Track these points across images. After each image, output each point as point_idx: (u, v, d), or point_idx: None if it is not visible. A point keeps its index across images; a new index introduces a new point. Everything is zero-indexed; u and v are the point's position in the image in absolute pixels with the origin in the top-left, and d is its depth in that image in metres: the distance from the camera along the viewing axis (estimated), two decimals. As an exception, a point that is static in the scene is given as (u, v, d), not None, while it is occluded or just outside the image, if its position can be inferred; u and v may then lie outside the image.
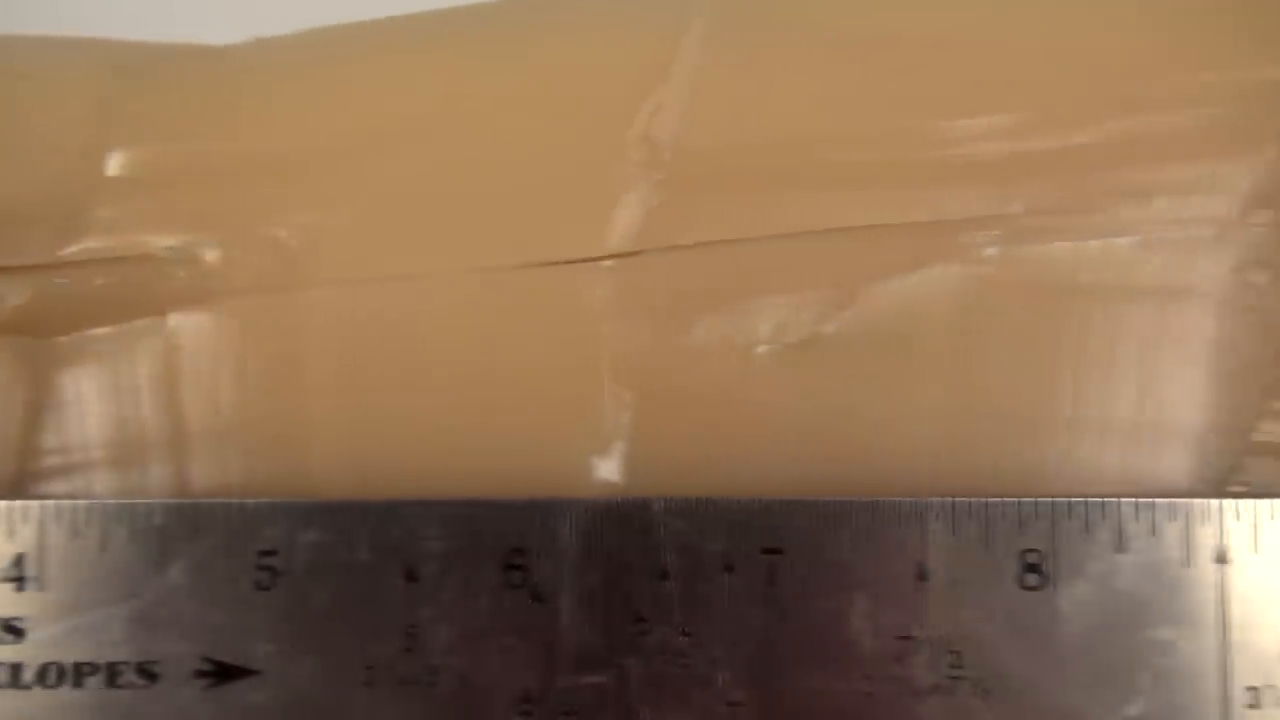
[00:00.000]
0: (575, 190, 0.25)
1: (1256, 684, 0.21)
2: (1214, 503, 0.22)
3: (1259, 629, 0.22)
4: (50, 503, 0.23)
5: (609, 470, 0.24)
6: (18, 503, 0.23)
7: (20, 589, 0.23)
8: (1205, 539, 0.22)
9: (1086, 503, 0.22)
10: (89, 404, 0.25)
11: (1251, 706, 0.21)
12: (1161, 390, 0.23)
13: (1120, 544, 0.22)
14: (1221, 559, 0.22)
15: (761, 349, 0.24)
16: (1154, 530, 0.22)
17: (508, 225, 0.25)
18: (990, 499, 0.22)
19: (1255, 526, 0.22)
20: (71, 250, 0.25)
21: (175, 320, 0.25)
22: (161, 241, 0.25)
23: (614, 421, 0.24)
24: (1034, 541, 0.22)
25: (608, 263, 0.24)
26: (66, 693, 0.23)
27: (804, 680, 0.22)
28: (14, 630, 0.23)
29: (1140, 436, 0.23)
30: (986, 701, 0.22)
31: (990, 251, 0.23)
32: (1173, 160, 0.23)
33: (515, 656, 0.22)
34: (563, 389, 0.24)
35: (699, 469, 0.24)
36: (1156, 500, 0.22)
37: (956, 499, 0.22)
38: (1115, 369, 0.23)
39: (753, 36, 0.25)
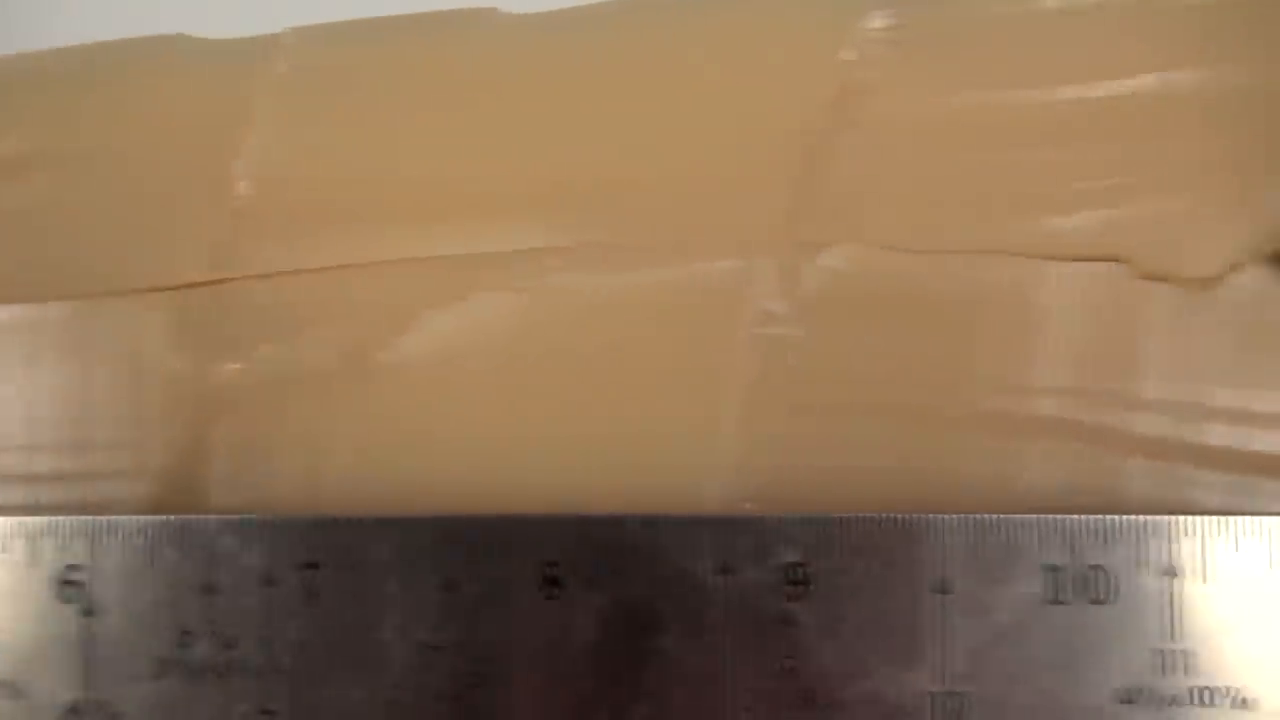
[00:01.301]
0: (154, 222, 0.26)
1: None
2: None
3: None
4: None
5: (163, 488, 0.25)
6: None
7: None
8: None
9: (599, 518, 0.23)
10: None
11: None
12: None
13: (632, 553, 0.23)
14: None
15: (325, 373, 0.25)
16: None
17: (98, 256, 0.26)
18: (508, 515, 0.23)
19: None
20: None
21: None
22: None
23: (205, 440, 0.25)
24: (550, 554, 0.24)
25: (175, 291, 0.25)
26: None
27: (338, 688, 0.24)
28: None
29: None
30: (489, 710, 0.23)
31: (540, 280, 0.25)
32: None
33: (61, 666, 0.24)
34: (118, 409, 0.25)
35: (259, 485, 0.25)
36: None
37: (480, 515, 0.23)
38: (660, 388, 0.25)
39: (328, 81, 0.26)
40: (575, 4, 0.26)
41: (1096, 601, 0.23)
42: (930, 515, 0.23)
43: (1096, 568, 0.23)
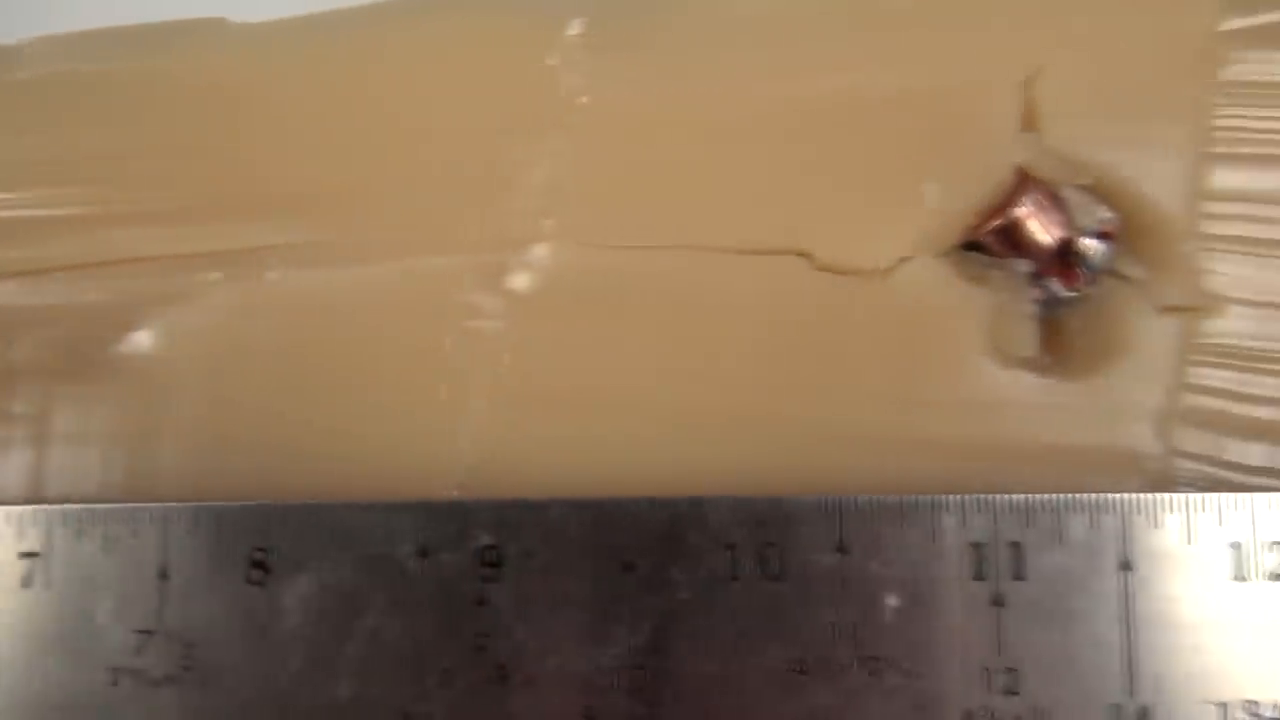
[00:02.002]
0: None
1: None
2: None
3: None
4: None
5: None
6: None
7: None
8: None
9: (311, 506, 0.24)
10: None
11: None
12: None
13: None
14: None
15: (49, 371, 0.26)
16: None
17: None
18: (223, 504, 0.24)
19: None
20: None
21: None
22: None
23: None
24: (258, 540, 0.25)
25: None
26: None
27: (53, 674, 0.25)
28: None
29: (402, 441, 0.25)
30: (209, 690, 0.24)
31: (260, 277, 0.26)
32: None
33: None
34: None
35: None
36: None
37: (189, 504, 0.24)
38: (378, 384, 0.26)
39: (61, 89, 0.27)
40: (300, 13, 0.27)
41: (773, 578, 0.24)
42: (619, 498, 0.24)
43: (773, 545, 0.24)
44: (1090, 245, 0.24)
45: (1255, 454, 0.24)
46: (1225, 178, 0.24)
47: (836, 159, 0.25)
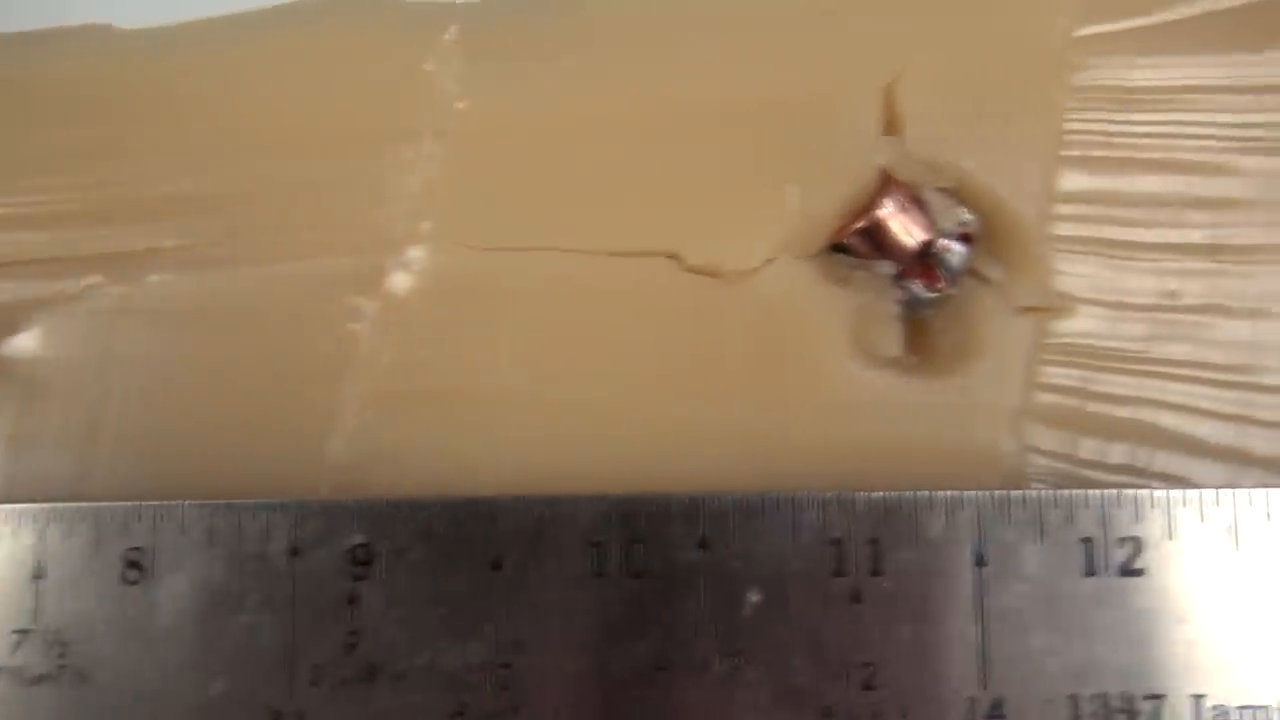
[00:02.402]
0: None
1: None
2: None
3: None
4: None
5: None
6: None
7: None
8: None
9: (186, 505, 0.24)
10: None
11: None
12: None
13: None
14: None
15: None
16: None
17: None
18: (99, 504, 0.24)
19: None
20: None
21: None
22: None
23: None
24: (136, 540, 0.25)
25: None
26: None
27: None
28: None
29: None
30: (84, 689, 0.24)
31: (143, 280, 0.26)
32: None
33: None
34: None
35: None
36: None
37: (61, 505, 0.24)
38: (255, 385, 0.26)
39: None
40: (186, 19, 0.27)
41: (636, 575, 0.24)
42: (488, 497, 0.25)
43: (637, 542, 0.24)
44: (950, 247, 0.25)
45: (1107, 451, 0.24)
46: (1077, 180, 0.25)
47: (704, 162, 0.25)
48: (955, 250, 0.25)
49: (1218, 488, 0.23)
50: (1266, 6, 0.25)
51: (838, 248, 0.25)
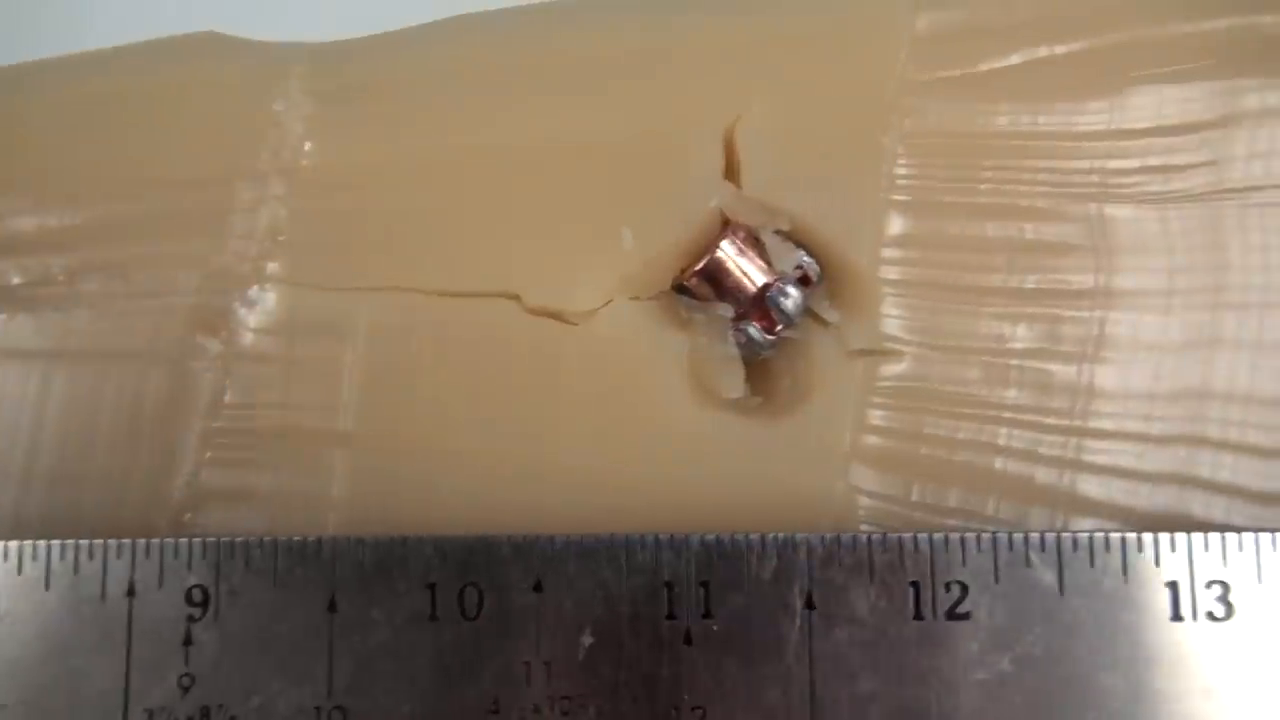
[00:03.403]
0: None
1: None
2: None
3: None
4: None
5: None
6: None
7: None
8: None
9: (23, 544, 0.24)
10: None
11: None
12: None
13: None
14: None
15: None
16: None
17: None
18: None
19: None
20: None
21: None
22: None
23: None
24: (-29, 582, 0.25)
25: None
26: None
27: None
28: None
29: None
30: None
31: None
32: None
33: None
34: None
35: None
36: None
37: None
38: (95, 423, 0.26)
39: None
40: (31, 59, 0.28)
41: (470, 618, 0.24)
42: (325, 537, 0.24)
43: (472, 585, 0.24)
44: (786, 290, 0.25)
45: (939, 494, 0.25)
46: (910, 225, 0.25)
47: (545, 204, 0.26)
48: (791, 294, 0.25)
49: (1043, 531, 0.23)
50: (1090, 55, 0.25)
51: (679, 290, 0.26)
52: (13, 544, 0.25)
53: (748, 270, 0.25)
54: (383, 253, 0.26)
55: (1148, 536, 0.23)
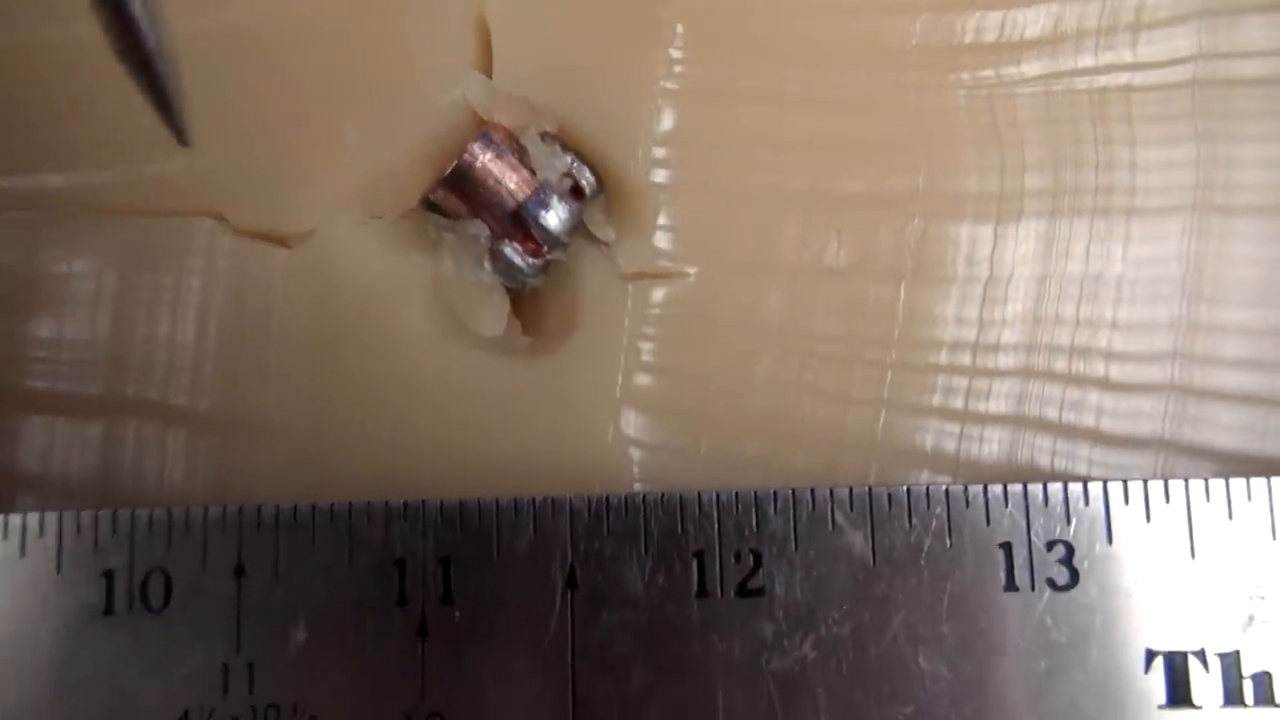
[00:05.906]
0: None
1: None
2: None
3: None
4: None
5: None
6: None
7: None
8: None
9: None
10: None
11: None
12: None
13: None
14: None
15: None
16: None
17: None
18: None
19: None
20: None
21: None
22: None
23: None
24: None
25: None
26: None
27: None
28: None
29: None
30: None
31: None
32: None
33: None
34: None
35: None
36: None
37: None
38: None
39: None
40: None
41: (155, 611, 0.20)
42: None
43: (156, 570, 0.20)
44: (548, 202, 0.21)
45: (722, 444, 0.20)
46: (688, 118, 0.20)
47: (254, 100, 0.21)
48: (555, 206, 0.21)
49: (851, 486, 0.19)
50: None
51: (431, 208, 0.22)
52: None
53: (504, 179, 0.21)
54: (40, 161, 0.21)
55: (975, 489, 0.19)
